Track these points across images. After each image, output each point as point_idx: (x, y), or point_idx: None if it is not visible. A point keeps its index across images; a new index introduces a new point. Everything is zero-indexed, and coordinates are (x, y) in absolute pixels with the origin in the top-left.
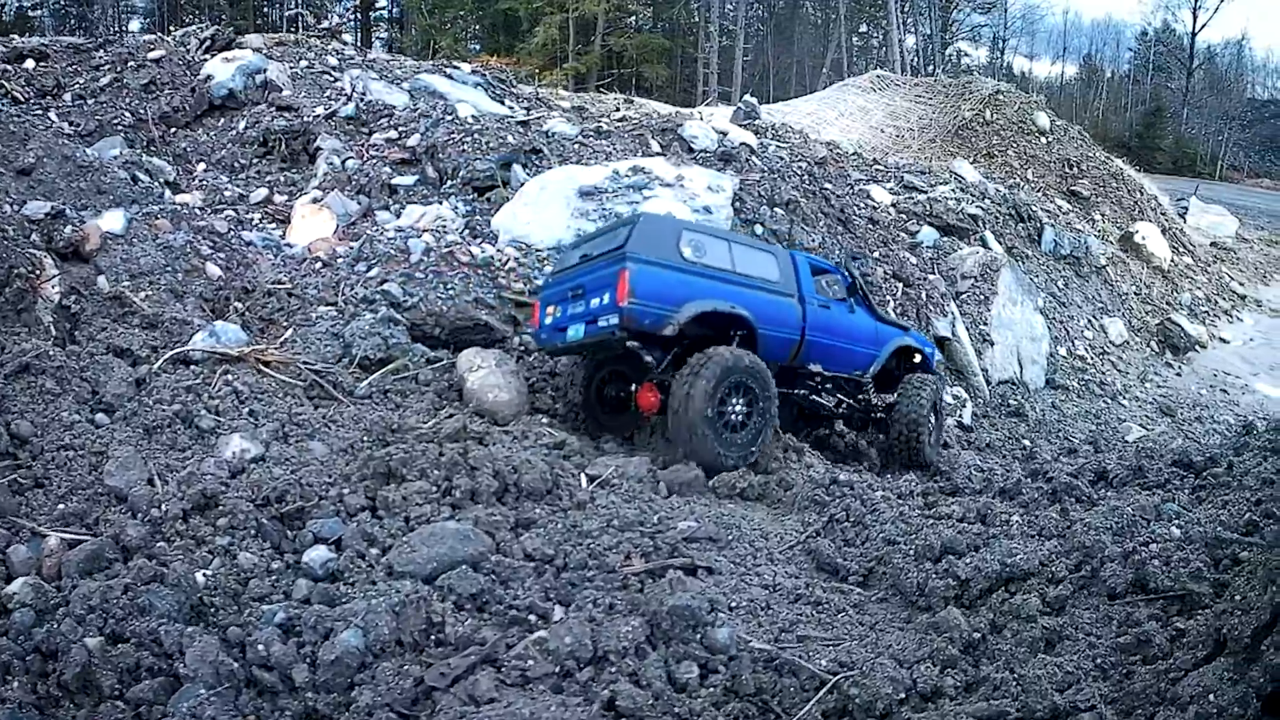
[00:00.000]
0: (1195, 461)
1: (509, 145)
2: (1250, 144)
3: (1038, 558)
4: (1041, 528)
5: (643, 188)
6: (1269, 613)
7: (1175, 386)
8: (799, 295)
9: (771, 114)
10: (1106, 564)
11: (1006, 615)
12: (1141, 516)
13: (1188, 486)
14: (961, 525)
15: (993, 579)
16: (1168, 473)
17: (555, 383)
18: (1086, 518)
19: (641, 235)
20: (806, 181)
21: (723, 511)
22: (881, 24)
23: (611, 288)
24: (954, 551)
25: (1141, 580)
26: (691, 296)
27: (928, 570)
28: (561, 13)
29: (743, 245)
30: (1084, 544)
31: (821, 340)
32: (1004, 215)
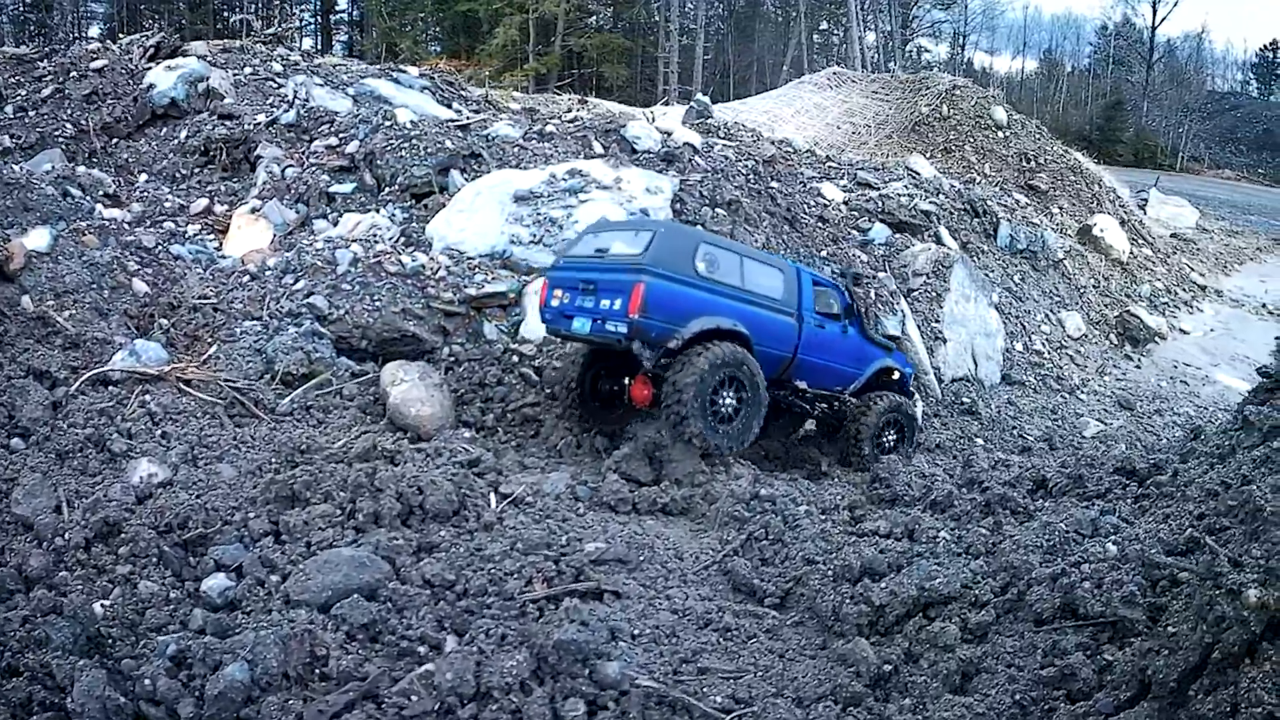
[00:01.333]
0: (1139, 469)
1: (447, 150)
2: (1210, 136)
3: (960, 580)
4: (970, 545)
5: (579, 191)
6: (1198, 654)
7: (1135, 379)
8: (798, 313)
9: (727, 113)
10: (1033, 587)
11: (923, 644)
12: (1076, 532)
13: (1130, 495)
14: (887, 542)
15: (910, 604)
16: (1109, 481)
17: (484, 393)
18: (1017, 534)
19: (661, 247)
20: (751, 181)
21: (638, 530)
22: (842, 21)
23: (624, 296)
24: (874, 573)
25: (1070, 605)
26: (698, 313)
27: (845, 594)
28: (521, 13)
29: (754, 260)
30: (1012, 564)
31: (811, 359)
32: (959, 211)
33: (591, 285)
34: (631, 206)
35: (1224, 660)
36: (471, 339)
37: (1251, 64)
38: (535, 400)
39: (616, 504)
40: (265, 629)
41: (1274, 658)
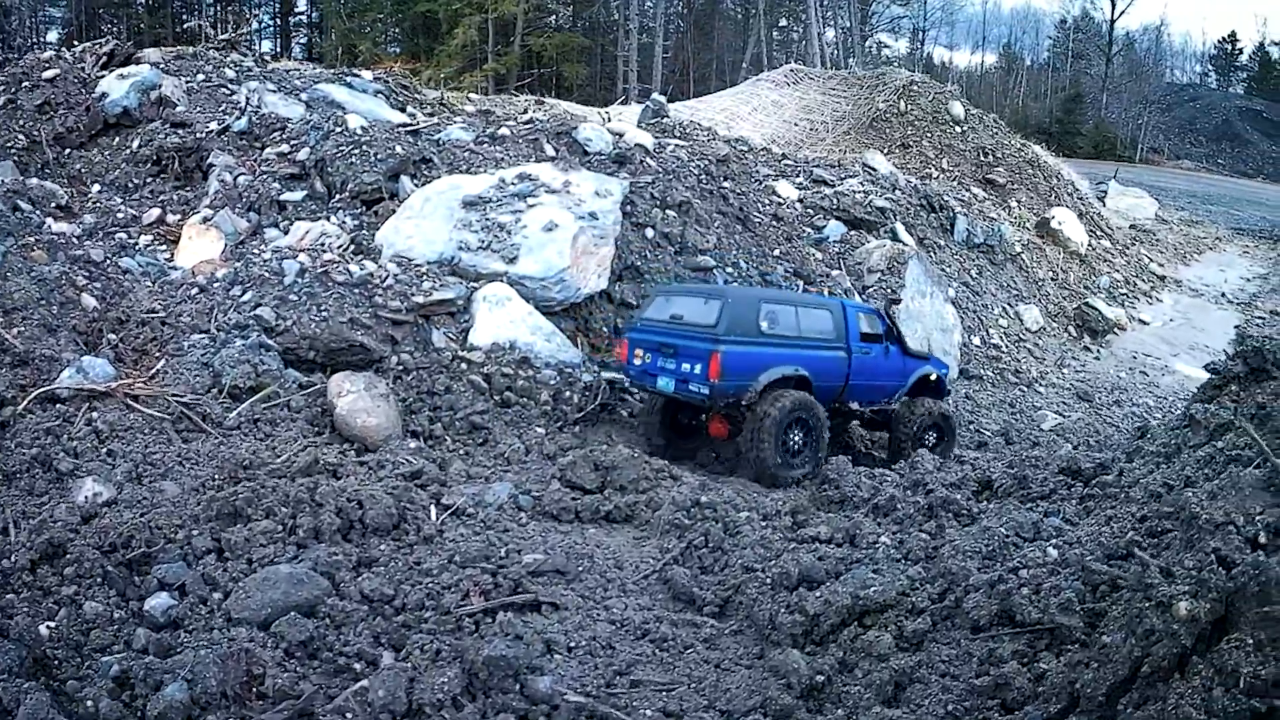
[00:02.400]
0: (1084, 469)
1: (397, 156)
2: (1170, 127)
3: (897, 588)
4: (909, 550)
5: (528, 195)
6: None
7: (1094, 371)
8: (846, 346)
9: (684, 111)
10: (971, 594)
11: (858, 653)
12: (1018, 535)
13: (1075, 496)
14: (827, 548)
15: (844, 613)
16: (1054, 482)
17: (432, 402)
18: (957, 539)
19: (730, 316)
20: (704, 181)
21: (579, 540)
22: (801, 18)
23: (704, 363)
24: (811, 580)
25: (1008, 611)
26: (767, 366)
27: (782, 602)
28: (480, 14)
29: (806, 307)
30: (950, 570)
31: (861, 382)
32: (915, 206)
33: (673, 349)
34: (580, 210)
35: (1153, 674)
36: (420, 347)
37: (1210, 56)
38: (483, 408)
39: (559, 513)
40: (205, 648)
41: (1204, 672)
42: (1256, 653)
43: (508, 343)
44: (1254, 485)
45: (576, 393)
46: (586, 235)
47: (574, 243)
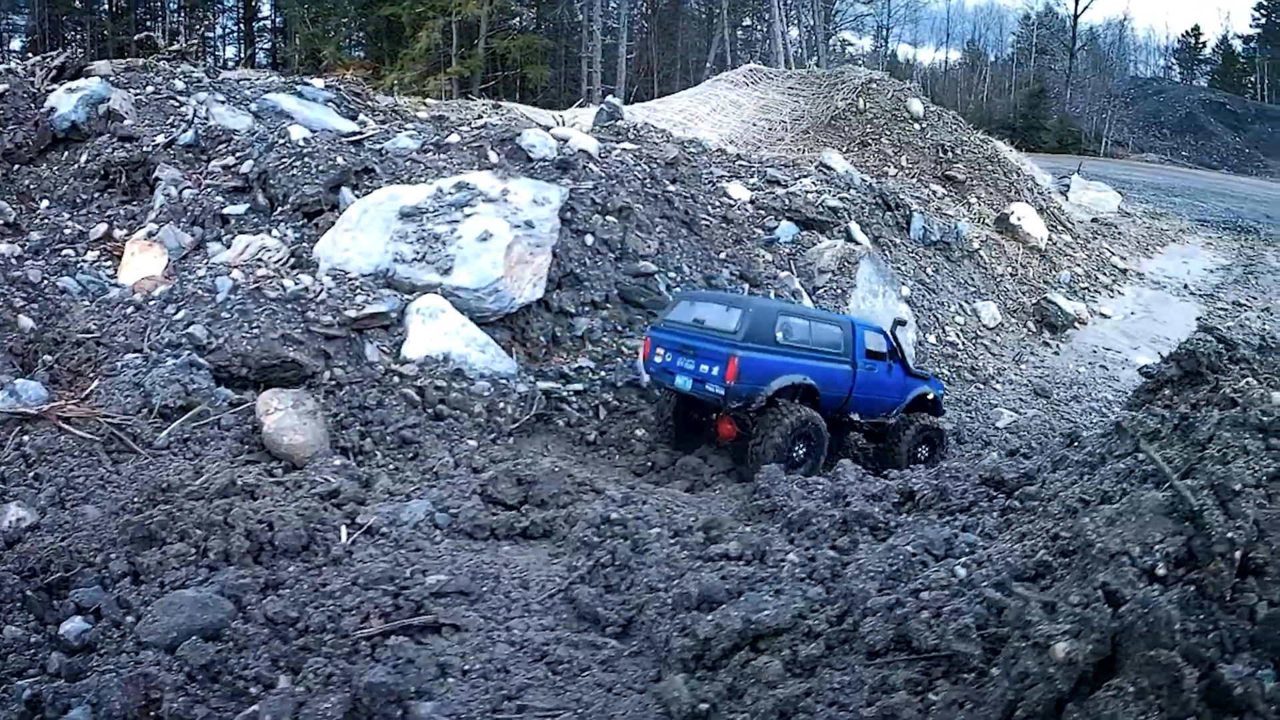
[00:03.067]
0: (1007, 479)
1: (338, 167)
2: (1134, 121)
3: (793, 610)
4: (815, 569)
5: (465, 205)
6: (1000, 711)
7: (1053, 366)
8: (852, 360)
9: (643, 113)
10: (868, 617)
11: (747, 679)
12: (928, 553)
13: (997, 509)
14: (734, 566)
15: (735, 637)
16: (975, 493)
17: (364, 416)
18: (862, 558)
19: (750, 323)
20: (648, 185)
21: (488, 559)
22: (765, 17)
23: (722, 365)
24: (711, 601)
25: (905, 637)
26: (778, 373)
27: (679, 623)
28: (444, 16)
29: (819, 321)
30: (850, 591)
31: (863, 396)
32: (870, 205)
33: (692, 350)
34: (517, 219)
35: None
36: (353, 361)
37: (1174, 49)
38: (415, 422)
39: (474, 530)
40: (108, 671)
41: None
42: (1138, 701)
43: (441, 355)
44: (1156, 510)
45: (511, 404)
46: (522, 244)
47: (508, 252)
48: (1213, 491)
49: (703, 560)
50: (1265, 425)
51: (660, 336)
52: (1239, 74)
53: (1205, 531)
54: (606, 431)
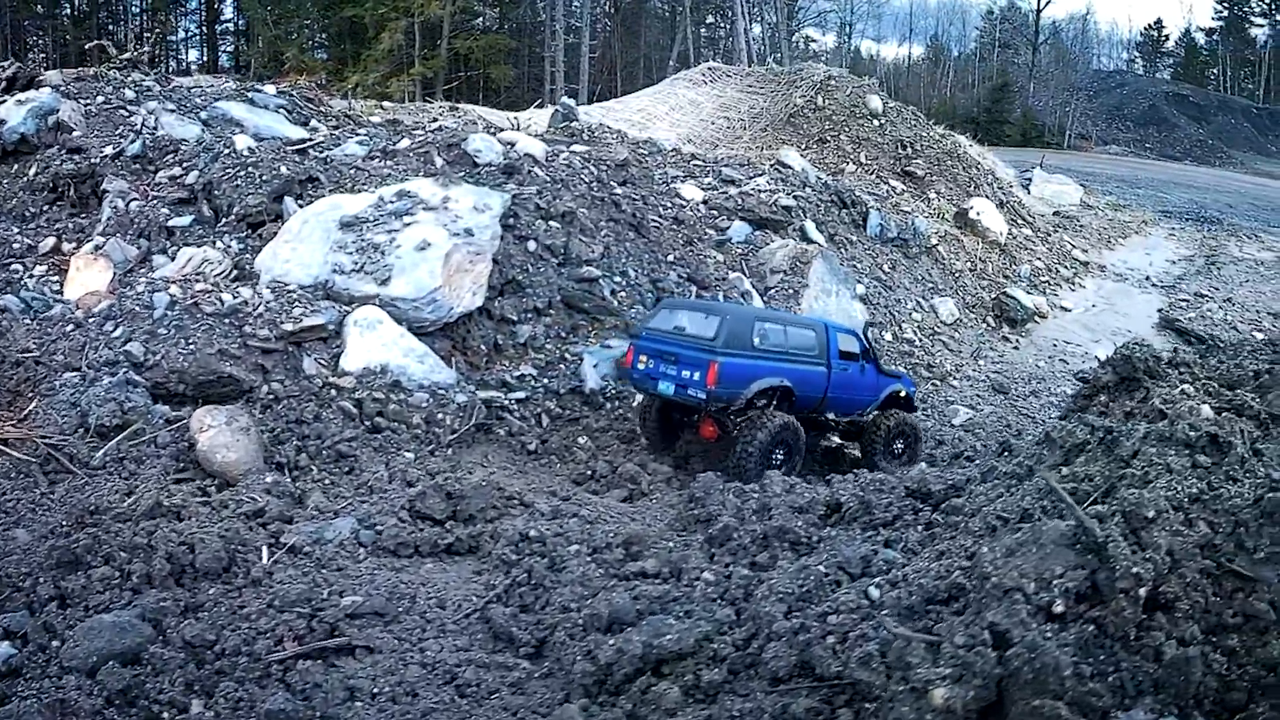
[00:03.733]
0: (934, 491)
1: (282, 176)
2: (1097, 114)
3: (697, 634)
4: (727, 589)
5: (405, 214)
6: None
7: (1012, 360)
8: (827, 362)
9: (600, 113)
10: (772, 641)
11: (647, 706)
12: (844, 571)
13: (922, 522)
14: (649, 585)
15: (636, 662)
16: (899, 506)
17: (301, 431)
18: (774, 578)
19: (729, 330)
20: (594, 188)
21: (406, 579)
22: (728, 14)
23: (703, 371)
24: (622, 622)
25: (808, 663)
26: (757, 376)
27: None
28: (407, 17)
29: (794, 325)
30: (758, 614)
31: (838, 395)
32: (826, 203)
33: (674, 357)
34: (457, 226)
35: None
36: (291, 375)
37: (1136, 42)
38: (351, 435)
39: (397, 548)
40: (28, 697)
41: None
42: None
43: (379, 366)
44: (1058, 541)
45: (450, 414)
46: (461, 252)
47: (447, 261)
48: (1124, 519)
49: (618, 579)
50: (1192, 441)
51: (643, 344)
52: (1201, 66)
53: (1109, 565)
54: (548, 440)
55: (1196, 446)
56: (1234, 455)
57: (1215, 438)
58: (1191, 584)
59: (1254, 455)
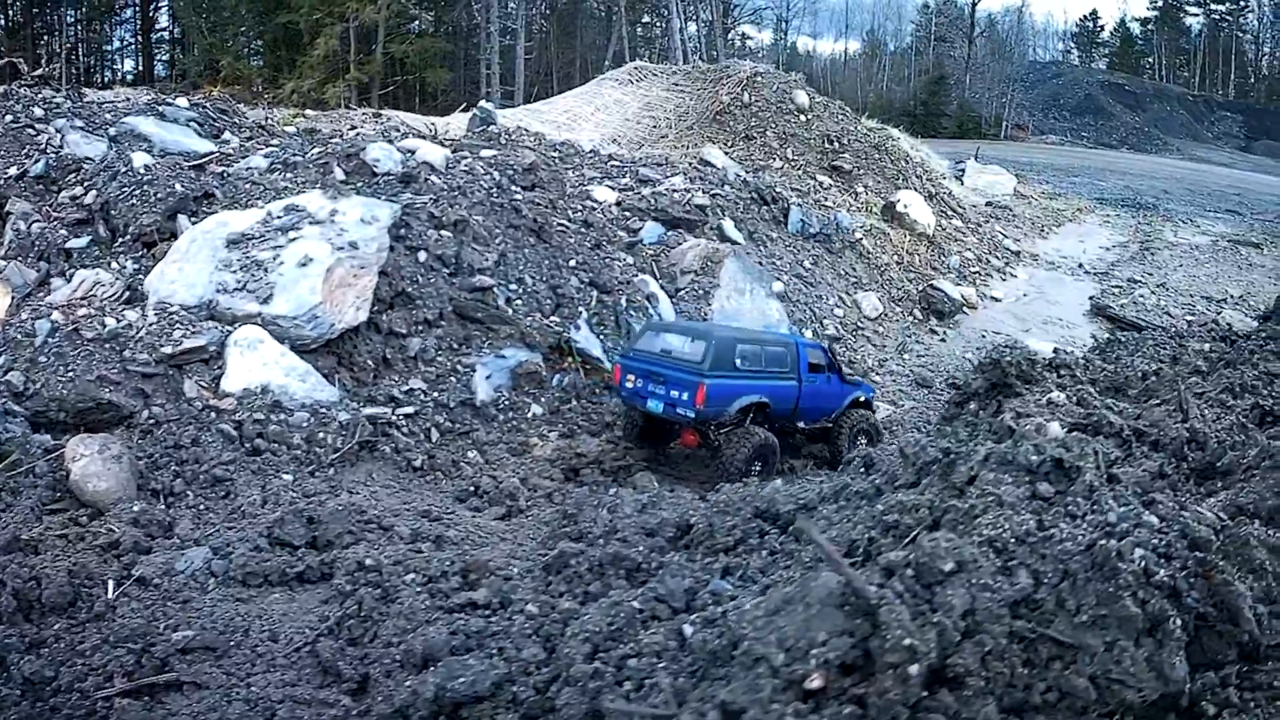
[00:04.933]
0: (782, 512)
1: (176, 194)
2: (1034, 104)
3: (494, 676)
4: (544, 624)
5: (291, 229)
6: None
7: (939, 353)
8: (798, 376)
9: (526, 115)
10: (568, 687)
11: None
12: (666, 604)
13: (768, 546)
14: (475, 618)
15: (432, 706)
16: (745, 528)
17: (179, 455)
18: (590, 613)
19: (713, 354)
20: (494, 194)
21: (245, 610)
22: (663, 13)
23: (691, 392)
24: (435, 659)
25: (598, 713)
26: (739, 395)
27: (399, 683)
28: (342, 22)
29: (769, 345)
30: (561, 655)
31: (807, 405)
32: (746, 200)
33: (662, 378)
34: (342, 240)
35: None
36: (171, 399)
37: (1072, 34)
38: (229, 459)
39: (246, 578)
40: None
41: None
42: None
43: (259, 387)
44: (826, 600)
45: (331, 433)
46: (344, 267)
47: (328, 276)
48: (915, 573)
49: (444, 611)
50: (1033, 466)
51: (630, 364)
52: (1137, 56)
53: (881, 633)
54: (435, 456)
55: (1039, 473)
56: (1081, 484)
57: (1061, 462)
58: (995, 652)
59: (1107, 482)
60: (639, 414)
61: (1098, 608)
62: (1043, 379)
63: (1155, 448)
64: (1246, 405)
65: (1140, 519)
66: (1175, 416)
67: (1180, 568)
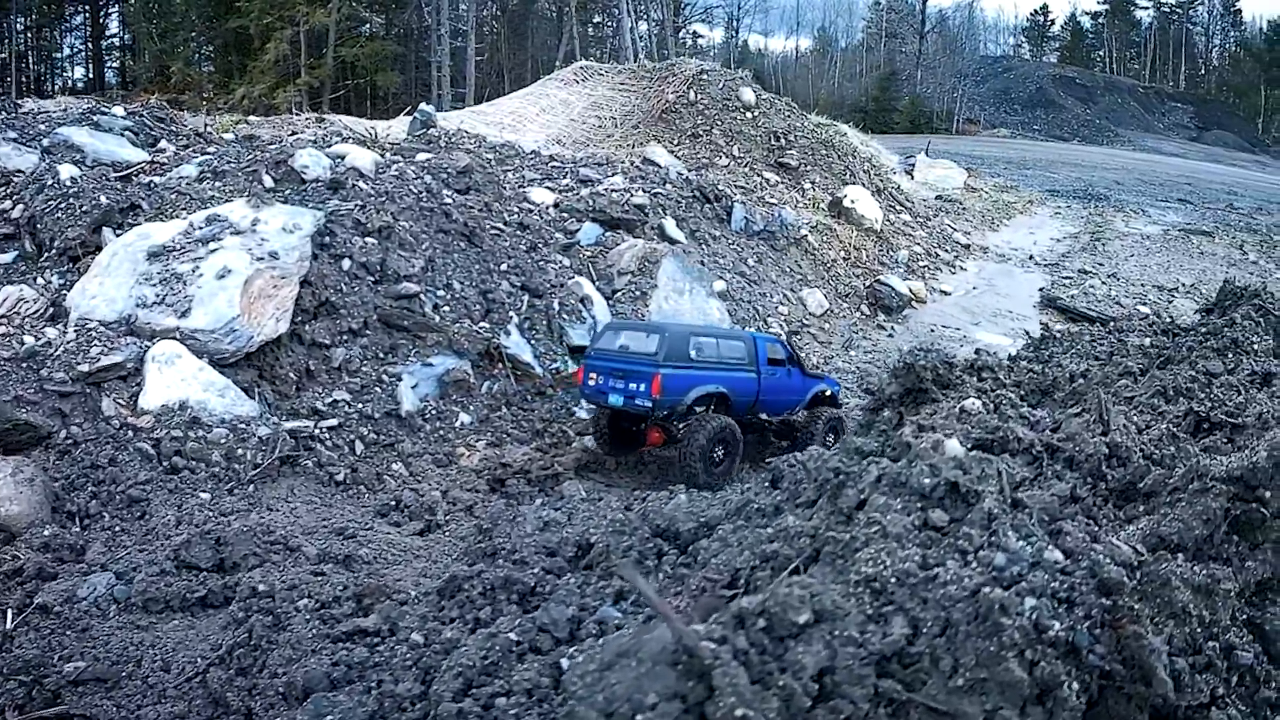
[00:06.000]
0: (682, 531)
1: (102, 206)
2: (985, 98)
3: (364, 714)
4: (423, 655)
5: (212, 239)
6: None
7: (885, 348)
8: (757, 369)
9: (472, 117)
10: None
11: None
12: (547, 635)
13: (667, 566)
14: (360, 647)
15: None
16: (642, 548)
17: (96, 476)
18: (468, 644)
19: (668, 346)
20: (424, 199)
21: (139, 639)
22: (614, 13)
23: (648, 383)
24: (313, 691)
25: None
26: (695, 385)
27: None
28: (292, 26)
29: (725, 338)
30: (430, 694)
31: (768, 398)
32: (688, 199)
33: (621, 373)
34: (263, 250)
35: None
36: (90, 418)
37: (1023, 28)
38: (146, 478)
39: (147, 603)
40: None
41: None
42: None
43: (178, 403)
44: (659, 657)
45: (251, 449)
46: (264, 278)
47: (246, 288)
48: (767, 624)
49: (331, 639)
50: (926, 490)
51: (592, 363)
52: (1088, 49)
53: (714, 699)
54: (358, 469)
55: (932, 498)
56: (979, 512)
57: (957, 486)
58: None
59: (1011, 509)
60: (606, 418)
61: (977, 669)
62: (961, 383)
63: (1070, 465)
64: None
65: (1040, 556)
66: (1095, 428)
67: (1084, 616)
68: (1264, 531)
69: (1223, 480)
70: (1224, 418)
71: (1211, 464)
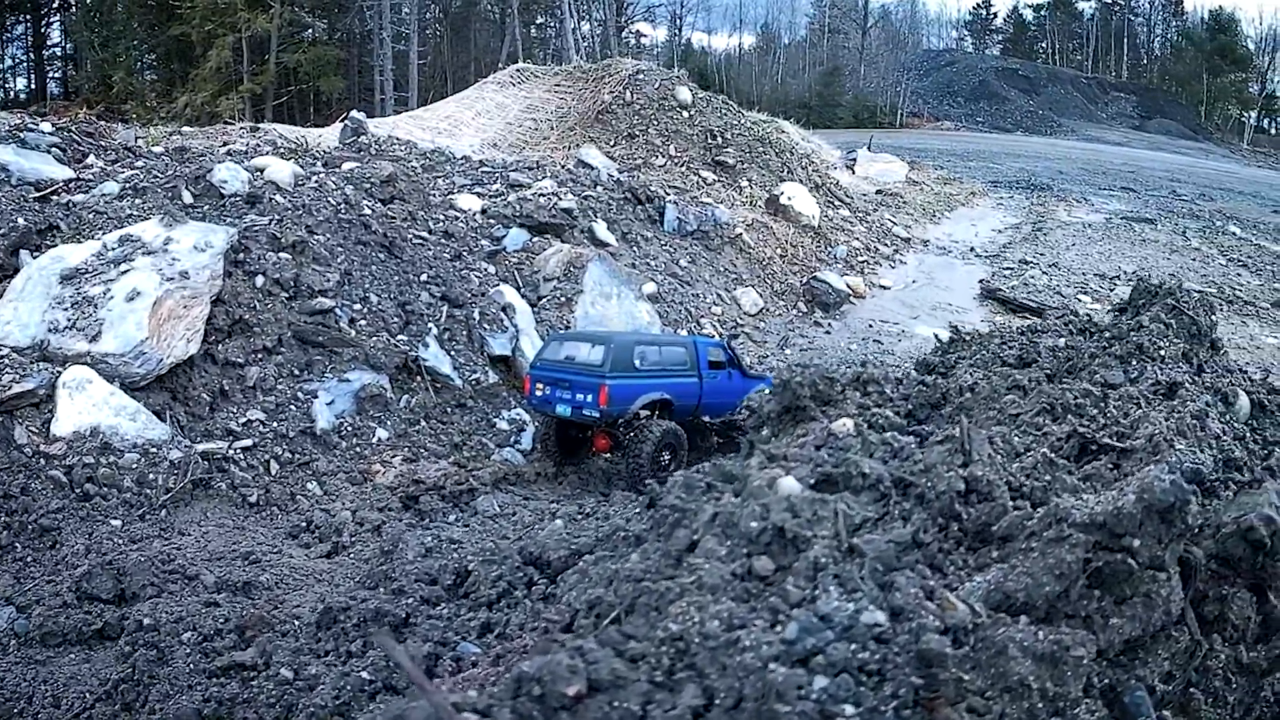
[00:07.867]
0: (552, 560)
1: (19, 228)
2: (929, 91)
3: None
4: (285, 692)
5: (124, 260)
6: None
7: (822, 345)
8: (699, 373)
9: (407, 122)
10: None
11: None
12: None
13: (536, 596)
14: (233, 683)
15: None
16: (512, 578)
17: (9, 505)
18: (326, 681)
19: (613, 357)
20: (342, 211)
21: (31, 675)
22: (557, 14)
23: (594, 393)
24: None
25: None
26: (641, 393)
27: None
28: (234, 33)
29: (668, 345)
30: None
31: (710, 400)
32: (619, 201)
33: (568, 383)
34: (173, 270)
35: None
36: (2, 446)
37: (965, 22)
38: (57, 507)
39: (45, 637)
40: None
41: None
42: None
43: (89, 429)
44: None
45: (163, 473)
46: (174, 298)
47: (155, 310)
48: (540, 694)
49: (208, 674)
50: (753, 535)
51: (538, 373)
52: (1030, 41)
53: None
54: (272, 490)
55: (759, 544)
56: (804, 563)
57: (783, 531)
58: None
59: (844, 557)
60: (553, 429)
61: None
62: (843, 399)
63: (921, 503)
64: (1064, 433)
65: (856, 620)
66: (957, 457)
67: (892, 694)
68: (1132, 584)
69: (1082, 528)
70: (1111, 441)
71: (1074, 506)
